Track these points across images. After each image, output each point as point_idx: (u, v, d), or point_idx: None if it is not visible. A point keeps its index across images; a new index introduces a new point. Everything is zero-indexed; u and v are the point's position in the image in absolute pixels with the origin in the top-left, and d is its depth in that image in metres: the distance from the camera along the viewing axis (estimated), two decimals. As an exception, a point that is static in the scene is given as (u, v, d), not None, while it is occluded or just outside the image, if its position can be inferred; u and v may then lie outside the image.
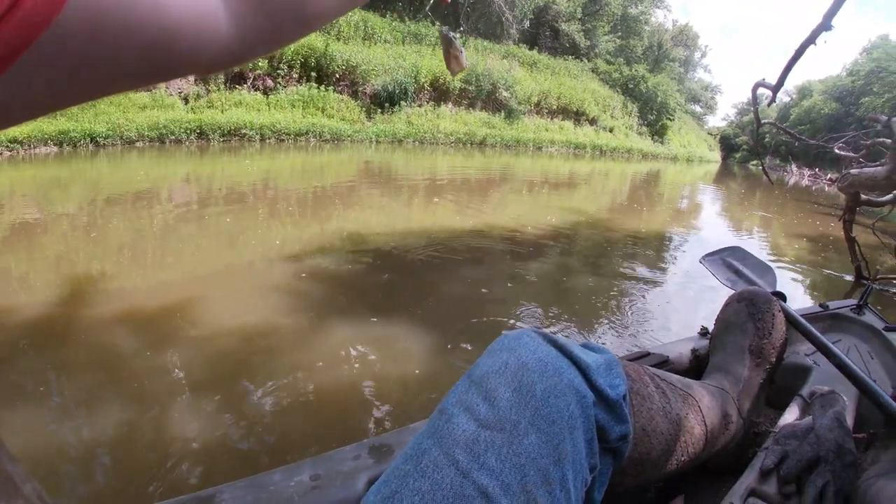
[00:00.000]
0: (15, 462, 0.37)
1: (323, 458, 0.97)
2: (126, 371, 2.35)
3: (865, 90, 39.96)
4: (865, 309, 1.77)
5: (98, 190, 5.92)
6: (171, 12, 0.31)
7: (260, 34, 0.41)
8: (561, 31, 36.29)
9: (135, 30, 0.29)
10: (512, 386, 0.69)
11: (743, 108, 72.80)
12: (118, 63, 0.30)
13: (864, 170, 4.32)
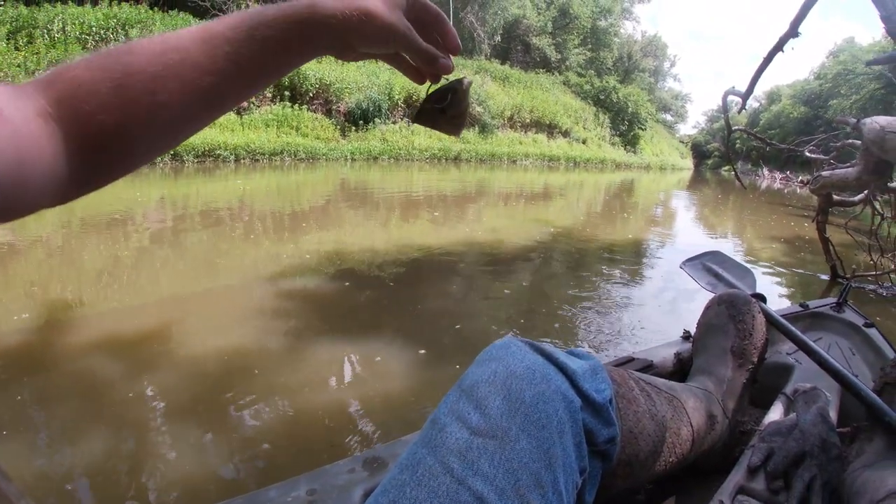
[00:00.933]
0: (9, 480, 0.37)
1: (318, 473, 0.97)
2: (105, 397, 2.31)
3: (833, 93, 40.82)
4: (845, 307, 1.80)
5: (71, 213, 5.82)
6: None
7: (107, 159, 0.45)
8: (532, 45, 36.77)
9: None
10: (502, 394, 0.70)
11: (713, 116, 74.03)
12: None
13: (836, 171, 4.39)
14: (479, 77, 25.99)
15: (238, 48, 0.47)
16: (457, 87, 0.67)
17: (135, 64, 0.43)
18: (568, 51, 40.10)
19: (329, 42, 0.53)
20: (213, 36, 0.47)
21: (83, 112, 0.41)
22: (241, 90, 0.50)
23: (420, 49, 0.58)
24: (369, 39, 0.54)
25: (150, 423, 2.16)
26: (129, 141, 0.44)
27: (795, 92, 51.42)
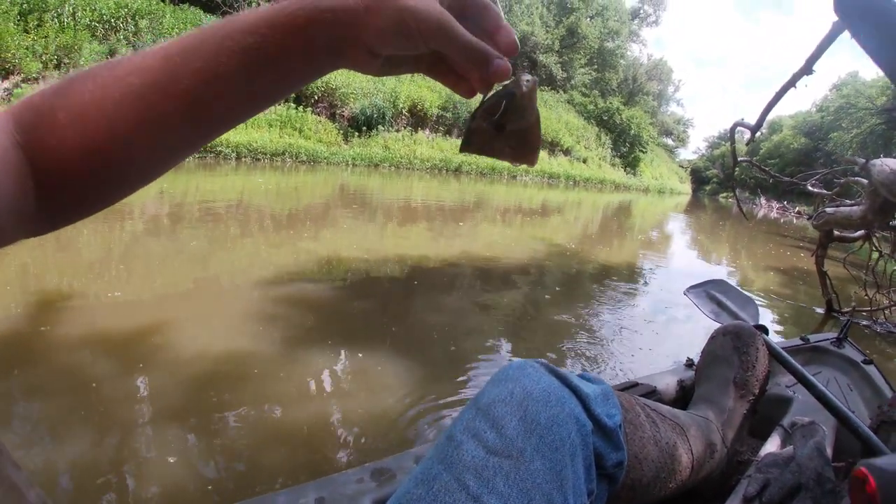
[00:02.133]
0: (19, 469, 0.38)
1: (327, 481, 0.98)
2: (89, 396, 2.27)
3: (834, 126, 41.15)
4: (845, 342, 1.82)
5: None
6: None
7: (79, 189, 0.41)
8: (539, 62, 37.01)
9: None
10: (518, 414, 0.71)
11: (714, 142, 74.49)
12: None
13: (840, 209, 4.41)
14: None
15: (210, 63, 0.39)
16: (512, 90, 0.49)
17: (94, 91, 0.39)
18: (574, 70, 40.36)
19: (334, 45, 0.43)
20: (182, 51, 0.40)
21: (47, 145, 0.38)
22: (225, 113, 0.42)
23: (466, 44, 0.45)
24: (390, 35, 0.42)
25: (138, 425, 2.13)
26: (94, 175, 0.40)
27: (797, 123, 51.86)
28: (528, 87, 0.49)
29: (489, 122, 0.50)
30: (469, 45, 0.45)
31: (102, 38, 13.24)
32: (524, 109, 0.49)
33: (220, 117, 0.42)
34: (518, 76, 0.49)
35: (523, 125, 0.51)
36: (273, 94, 0.44)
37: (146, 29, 14.11)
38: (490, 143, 0.51)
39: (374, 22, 0.41)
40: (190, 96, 0.39)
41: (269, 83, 0.42)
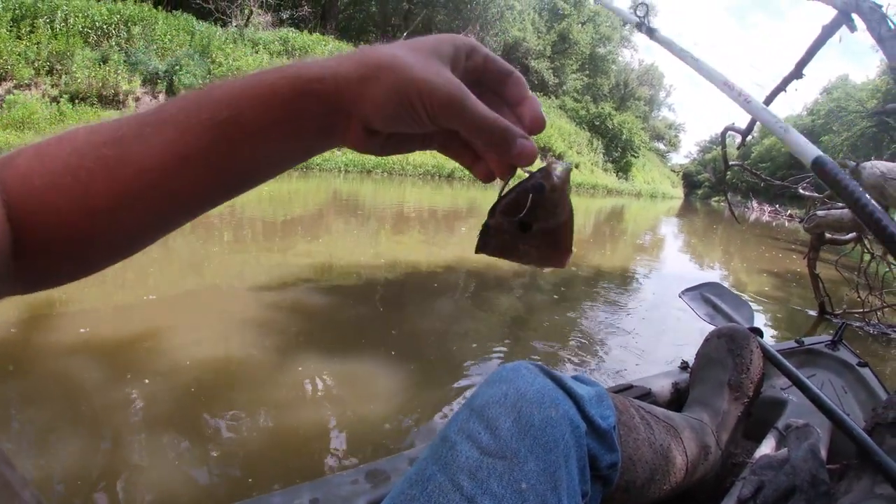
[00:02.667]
0: (12, 468, 0.37)
1: (321, 483, 0.98)
2: (81, 402, 2.27)
3: (825, 129, 41.33)
4: (840, 345, 1.83)
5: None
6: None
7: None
8: (531, 67, 37.14)
9: None
10: (512, 416, 0.71)
11: (705, 146, 74.82)
12: None
13: (831, 212, 4.44)
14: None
15: (182, 138, 0.35)
16: (541, 182, 0.41)
17: (68, 159, 0.35)
18: (565, 75, 40.52)
19: (324, 121, 0.38)
20: (157, 122, 0.36)
21: (24, 209, 0.35)
22: (202, 192, 0.38)
23: (481, 122, 0.38)
24: (389, 109, 0.37)
25: (130, 431, 2.12)
26: (67, 246, 0.37)
27: (788, 127, 52.07)
28: (561, 177, 0.41)
29: (511, 220, 0.42)
30: (485, 122, 0.38)
31: (95, 44, 13.26)
32: (555, 205, 0.42)
33: (197, 196, 0.38)
34: (549, 163, 0.41)
35: (553, 224, 0.43)
36: (257, 173, 0.40)
37: (139, 35, 14.13)
38: (512, 245, 0.44)
39: (371, 94, 0.36)
40: (161, 173, 0.35)
41: (250, 162, 0.38)
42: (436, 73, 0.37)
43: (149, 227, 0.38)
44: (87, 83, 12.01)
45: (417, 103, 0.36)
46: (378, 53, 0.37)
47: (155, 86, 13.57)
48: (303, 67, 0.37)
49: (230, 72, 14.83)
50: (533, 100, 0.42)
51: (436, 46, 0.39)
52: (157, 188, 0.36)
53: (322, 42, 20.12)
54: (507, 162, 0.41)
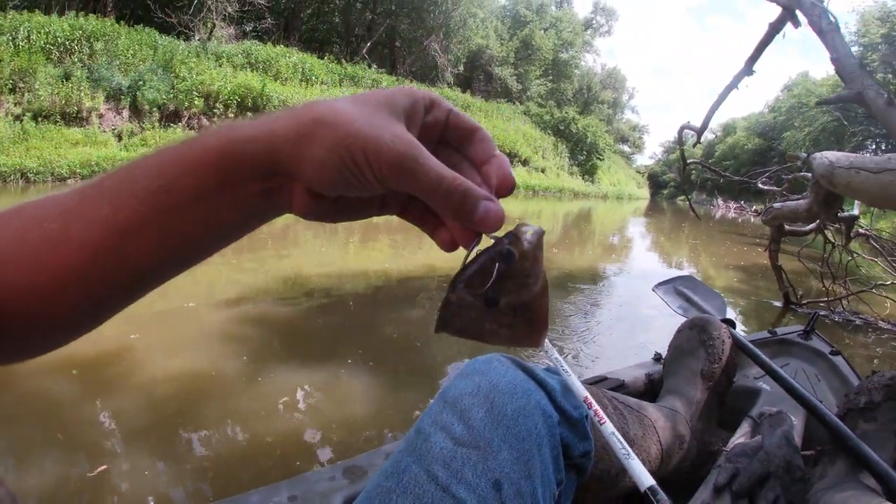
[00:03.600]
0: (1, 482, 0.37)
1: (299, 480, 0.99)
2: (57, 421, 2.24)
3: (787, 125, 41.94)
4: (812, 334, 1.86)
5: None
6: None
7: None
8: (494, 74, 37.31)
9: None
10: (484, 406, 0.72)
11: (669, 147, 75.72)
12: None
13: (787, 203, 4.54)
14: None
15: (117, 210, 0.33)
16: (509, 249, 0.36)
17: (14, 235, 0.33)
18: (529, 81, 40.81)
19: (266, 185, 0.35)
20: (96, 193, 0.34)
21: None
22: (148, 267, 0.35)
23: (438, 183, 0.34)
24: (333, 171, 0.33)
25: (103, 450, 2.10)
26: (14, 325, 0.34)
27: (750, 124, 53.00)
28: (532, 242, 0.36)
29: (476, 295, 0.37)
30: (442, 183, 0.34)
31: (58, 60, 13.03)
32: (527, 275, 0.37)
33: (142, 272, 0.35)
34: (517, 227, 0.37)
35: (525, 297, 0.38)
36: (202, 245, 0.37)
37: (101, 51, 13.90)
38: (478, 324, 0.38)
39: (308, 154, 0.33)
40: (101, 250, 0.33)
41: (192, 234, 0.35)
42: (382, 129, 0.33)
43: (97, 305, 0.36)
44: (50, 100, 11.79)
45: (363, 163, 0.33)
46: (316, 108, 0.34)
47: (119, 102, 13.36)
48: (235, 128, 0.34)
49: (194, 86, 14.69)
50: (501, 158, 0.39)
51: (388, 99, 0.35)
52: (100, 265, 0.33)
53: (286, 54, 19.99)
54: (466, 225, 0.37)
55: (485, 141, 0.39)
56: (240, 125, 0.34)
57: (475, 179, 0.38)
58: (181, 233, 0.34)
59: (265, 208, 0.36)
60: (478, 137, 0.39)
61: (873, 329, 4.77)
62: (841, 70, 2.24)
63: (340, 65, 23.02)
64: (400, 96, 0.36)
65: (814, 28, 2.20)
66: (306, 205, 0.36)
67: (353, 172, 0.33)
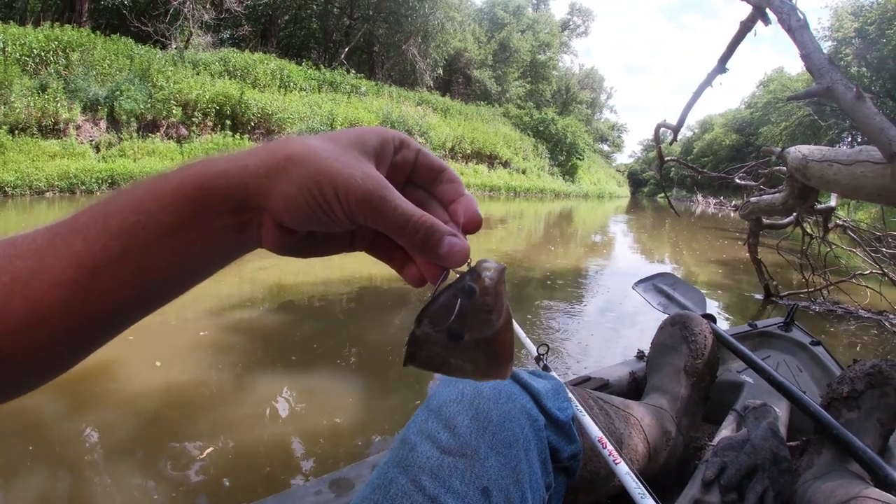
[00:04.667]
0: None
1: (284, 496, 0.98)
2: (40, 436, 2.22)
3: (763, 120, 42.13)
4: (792, 326, 1.89)
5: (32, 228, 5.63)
6: None
7: None
8: (473, 77, 37.37)
9: None
10: (470, 413, 0.73)
11: (648, 145, 76.05)
12: None
13: (763, 197, 4.61)
14: (420, 109, 26.19)
15: (91, 247, 0.33)
16: (470, 285, 0.36)
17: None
18: (508, 83, 40.88)
19: (238, 219, 0.35)
20: (68, 230, 0.34)
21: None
22: (121, 305, 0.35)
23: (404, 219, 0.36)
24: (302, 206, 0.34)
25: (82, 461, 2.08)
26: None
27: (727, 120, 53.36)
28: (494, 278, 0.36)
29: (439, 330, 0.37)
30: (408, 220, 0.36)
31: (33, 72, 12.86)
32: (489, 311, 0.37)
33: (116, 310, 0.35)
34: (478, 264, 0.37)
35: (488, 332, 0.38)
36: (175, 282, 0.37)
37: (77, 61, 13.74)
38: (443, 358, 0.38)
39: (278, 190, 0.34)
40: (73, 288, 0.32)
41: (165, 270, 0.35)
42: (353, 167, 0.34)
43: (71, 344, 0.35)
44: (26, 112, 11.62)
45: (332, 199, 0.34)
46: (289, 145, 0.35)
47: (96, 113, 13.22)
48: (209, 164, 0.35)
49: (171, 95, 14.57)
50: (468, 197, 0.40)
51: (359, 138, 0.37)
52: (72, 304, 0.33)
53: (264, 61, 19.89)
54: (431, 259, 0.38)
55: (453, 181, 0.40)
56: (214, 160, 0.35)
57: (442, 217, 0.39)
58: (155, 268, 0.34)
59: (237, 242, 0.37)
60: (446, 178, 0.40)
61: (854, 318, 4.85)
62: (811, 66, 2.29)
63: (319, 71, 22.95)
64: (370, 136, 0.37)
65: (783, 25, 2.24)
66: (276, 239, 0.36)
67: (323, 207, 0.34)
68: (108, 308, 0.34)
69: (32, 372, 0.35)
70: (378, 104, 23.43)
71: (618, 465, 0.88)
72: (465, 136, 27.29)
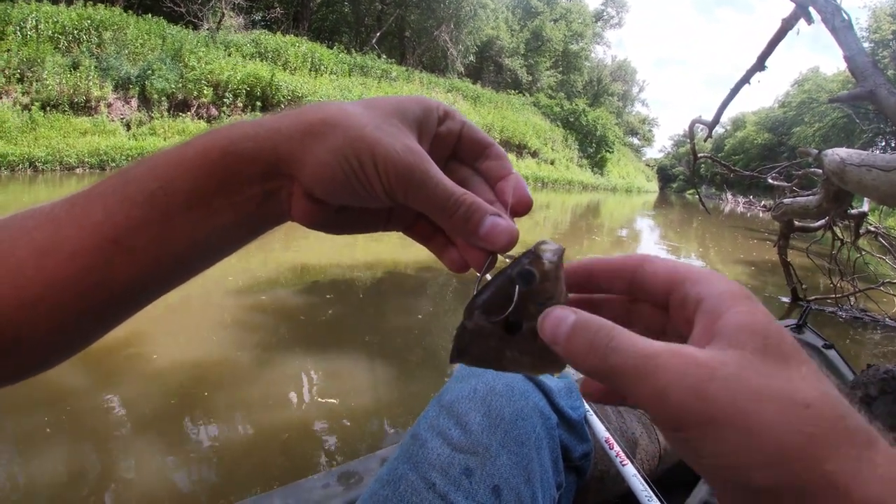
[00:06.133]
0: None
1: (292, 488, 0.97)
2: (68, 408, 2.26)
3: (797, 120, 41.55)
4: (805, 328, 1.85)
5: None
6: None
7: None
8: (504, 65, 37.16)
9: None
10: (482, 410, 0.71)
11: (679, 140, 75.20)
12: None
13: (797, 199, 4.51)
14: (450, 96, 26.13)
15: (111, 217, 0.31)
16: (529, 269, 0.32)
17: (2, 245, 0.31)
18: (539, 73, 40.61)
19: (265, 187, 0.33)
20: (87, 200, 0.32)
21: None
22: (141, 278, 0.33)
23: (444, 197, 0.32)
24: (337, 176, 0.31)
25: (110, 433, 2.11)
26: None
27: (760, 119, 52.53)
28: (554, 260, 0.32)
29: (495, 321, 0.33)
30: (448, 198, 0.32)
31: (66, 50, 13.02)
32: (549, 296, 0.32)
33: (135, 283, 0.33)
34: (536, 246, 0.33)
35: None
36: (197, 255, 0.34)
37: (109, 40, 13.89)
38: (498, 352, 0.34)
39: (312, 155, 0.31)
40: (93, 258, 0.31)
41: (188, 241, 0.32)
42: (393, 137, 0.31)
43: (88, 321, 0.33)
44: (58, 90, 11.79)
45: (370, 170, 0.31)
46: (325, 108, 0.32)
47: (127, 91, 13.35)
48: (235, 127, 0.32)
49: (203, 76, 14.66)
50: (516, 175, 0.36)
51: (399, 106, 0.34)
52: (92, 276, 0.31)
53: (295, 43, 19.93)
54: (474, 242, 0.34)
55: (500, 158, 0.37)
56: (241, 124, 0.32)
57: (487, 196, 0.35)
58: (177, 240, 0.32)
59: (263, 215, 0.34)
60: (492, 153, 0.37)
61: (881, 327, 4.75)
62: (853, 68, 2.22)
63: (350, 55, 22.97)
64: (412, 104, 0.34)
65: (827, 25, 2.18)
66: (306, 211, 0.34)
67: (360, 178, 0.31)
68: (126, 282, 0.32)
69: (47, 350, 0.34)
70: (408, 90, 23.40)
71: (625, 467, 0.87)
72: (494, 125, 27.16)
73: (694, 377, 0.24)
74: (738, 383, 0.24)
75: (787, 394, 0.24)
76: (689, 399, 0.24)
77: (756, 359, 0.25)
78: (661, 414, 0.25)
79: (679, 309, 0.30)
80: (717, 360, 0.25)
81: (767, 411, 0.23)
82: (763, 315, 0.27)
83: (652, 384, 0.25)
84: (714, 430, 0.24)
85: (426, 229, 0.38)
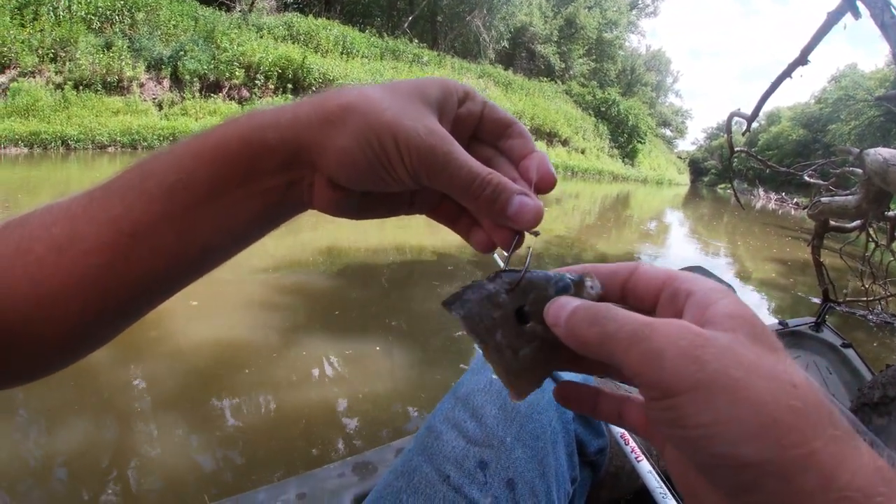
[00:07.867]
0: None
1: (308, 477, 0.98)
2: (95, 383, 2.29)
3: (833, 117, 40.78)
4: (823, 326, 1.84)
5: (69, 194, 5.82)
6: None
7: None
8: (537, 52, 36.88)
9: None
10: (497, 403, 0.70)
11: (712, 133, 74.28)
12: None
13: (836, 198, 4.41)
14: (482, 82, 26.01)
15: (129, 210, 0.31)
16: (570, 283, 0.33)
17: (20, 242, 0.31)
18: (572, 60, 40.21)
19: (287, 177, 0.32)
20: (105, 194, 0.32)
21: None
22: (160, 272, 0.33)
23: (470, 177, 0.32)
24: (359, 161, 0.31)
25: (136, 414, 2.14)
26: (18, 340, 0.31)
27: (795, 114, 51.65)
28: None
29: (513, 300, 0.33)
30: (474, 178, 0.32)
31: (98, 30, 13.17)
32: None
33: (154, 278, 0.33)
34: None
35: (551, 335, 0.32)
36: (218, 248, 0.34)
37: (142, 21, 14.05)
38: (491, 327, 0.33)
39: (334, 141, 0.31)
40: (111, 253, 0.31)
41: (208, 234, 0.32)
42: (415, 120, 0.31)
43: (106, 317, 0.33)
44: (91, 70, 11.96)
45: (393, 154, 0.31)
46: (344, 94, 0.32)
47: (159, 72, 13.50)
48: (255, 115, 0.32)
49: (234, 57, 14.75)
50: (540, 153, 0.36)
51: (420, 88, 0.33)
52: (110, 270, 0.31)
53: (327, 26, 19.96)
54: (499, 222, 0.34)
55: (522, 136, 0.37)
56: (260, 112, 0.32)
57: (511, 175, 0.35)
58: (197, 233, 0.32)
59: (284, 205, 0.34)
60: (515, 132, 0.36)
61: (912, 333, 4.66)
62: (901, 64, 2.14)
63: (382, 38, 22.98)
64: (432, 86, 0.34)
65: (875, 21, 2.10)
66: (329, 199, 0.34)
67: (383, 163, 0.31)
68: (145, 277, 0.32)
69: (64, 347, 0.34)
70: (440, 75, 23.07)
71: (640, 463, 0.87)
72: (525, 112, 27.02)
73: (689, 341, 0.25)
74: (731, 354, 0.25)
75: (777, 373, 0.25)
76: (683, 362, 0.25)
77: (747, 341, 0.26)
78: (654, 377, 0.25)
79: (669, 303, 0.30)
80: (711, 333, 0.26)
81: (758, 385, 0.24)
82: (750, 309, 0.28)
83: (647, 346, 0.26)
84: (705, 396, 0.24)
85: (451, 211, 0.38)
